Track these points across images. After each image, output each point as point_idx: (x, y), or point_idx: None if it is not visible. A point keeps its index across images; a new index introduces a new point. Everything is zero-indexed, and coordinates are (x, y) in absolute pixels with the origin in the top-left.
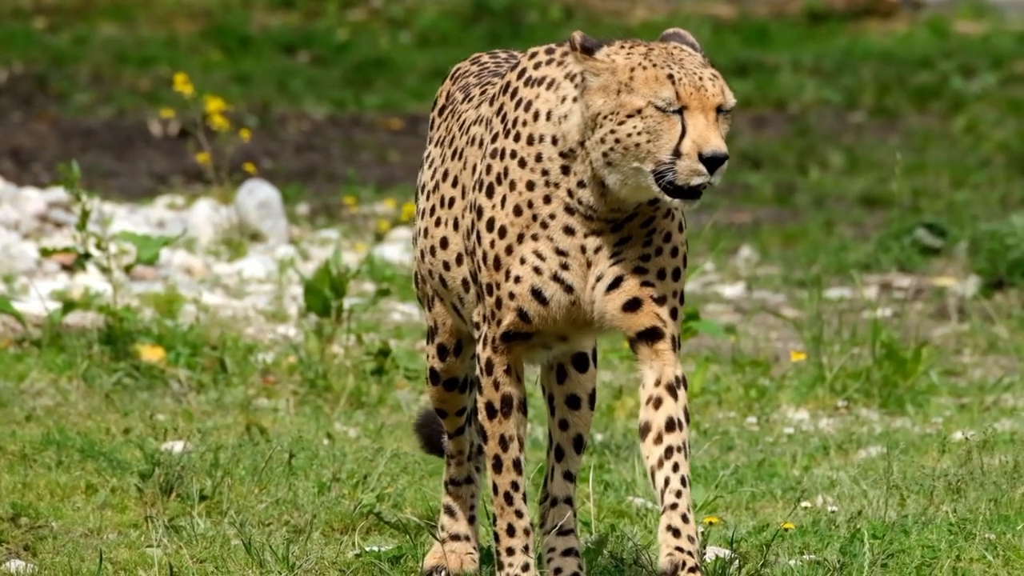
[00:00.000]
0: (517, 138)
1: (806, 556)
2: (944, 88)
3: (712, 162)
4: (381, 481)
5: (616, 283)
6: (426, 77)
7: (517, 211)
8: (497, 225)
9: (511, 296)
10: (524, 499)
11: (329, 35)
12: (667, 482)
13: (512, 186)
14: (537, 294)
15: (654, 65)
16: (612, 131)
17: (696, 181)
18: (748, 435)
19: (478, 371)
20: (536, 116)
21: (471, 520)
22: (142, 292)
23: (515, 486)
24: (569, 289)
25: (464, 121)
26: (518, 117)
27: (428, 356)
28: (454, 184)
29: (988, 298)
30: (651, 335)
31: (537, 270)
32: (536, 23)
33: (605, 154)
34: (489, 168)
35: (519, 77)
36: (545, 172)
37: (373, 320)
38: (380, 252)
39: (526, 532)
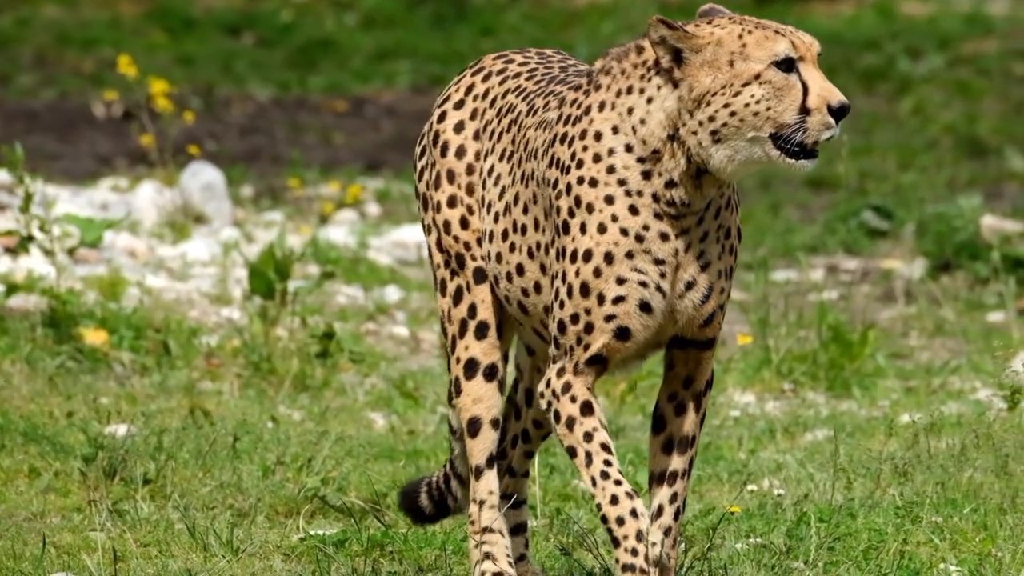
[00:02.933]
0: (581, 164)
1: (752, 539)
2: (891, 70)
3: (840, 113)
4: (326, 464)
5: (708, 296)
6: (371, 59)
7: (601, 229)
8: (580, 252)
9: (608, 318)
10: (622, 472)
11: (273, 16)
12: (660, 511)
13: (589, 209)
14: (645, 307)
15: (756, 27)
16: (726, 104)
17: (826, 135)
18: None
19: (551, 399)
20: (599, 136)
21: (510, 564)
22: (85, 275)
23: (608, 463)
24: (664, 295)
25: (528, 142)
26: (576, 149)
27: (460, 355)
28: (525, 211)
29: (935, 280)
30: (705, 344)
31: (644, 284)
32: (482, 5)
33: (714, 131)
34: (559, 210)
35: (565, 124)
36: (623, 182)
37: (318, 303)
38: (325, 234)
39: (629, 496)
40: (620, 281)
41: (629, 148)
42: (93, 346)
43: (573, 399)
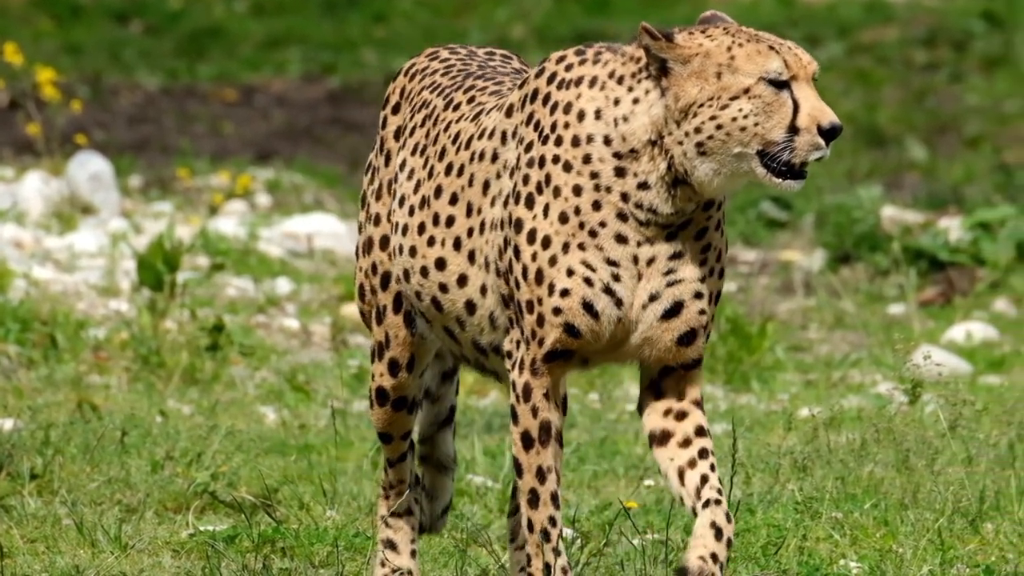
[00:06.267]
0: (559, 142)
1: (650, 535)
2: None
3: (830, 134)
4: (216, 459)
5: (675, 310)
6: (261, 47)
7: (563, 219)
8: (540, 236)
9: (556, 312)
10: (561, 536)
11: (162, 4)
12: (704, 480)
13: (556, 192)
14: (588, 307)
15: (748, 40)
16: (713, 117)
17: (815, 156)
18: (590, 412)
19: (513, 399)
20: (581, 116)
21: (413, 554)
22: None
23: (552, 521)
24: (619, 303)
25: (457, 133)
26: (557, 121)
27: (375, 375)
28: (452, 201)
29: (835, 272)
30: (690, 365)
31: (588, 281)
32: None
33: (700, 144)
34: (527, 178)
35: (549, 82)
36: (595, 175)
37: (207, 295)
38: (214, 225)
39: (564, 571)
40: (569, 273)
41: (608, 141)
42: None
43: (534, 412)
